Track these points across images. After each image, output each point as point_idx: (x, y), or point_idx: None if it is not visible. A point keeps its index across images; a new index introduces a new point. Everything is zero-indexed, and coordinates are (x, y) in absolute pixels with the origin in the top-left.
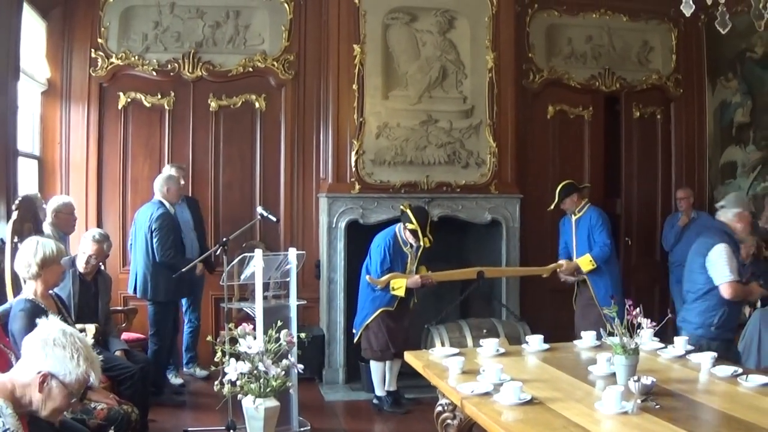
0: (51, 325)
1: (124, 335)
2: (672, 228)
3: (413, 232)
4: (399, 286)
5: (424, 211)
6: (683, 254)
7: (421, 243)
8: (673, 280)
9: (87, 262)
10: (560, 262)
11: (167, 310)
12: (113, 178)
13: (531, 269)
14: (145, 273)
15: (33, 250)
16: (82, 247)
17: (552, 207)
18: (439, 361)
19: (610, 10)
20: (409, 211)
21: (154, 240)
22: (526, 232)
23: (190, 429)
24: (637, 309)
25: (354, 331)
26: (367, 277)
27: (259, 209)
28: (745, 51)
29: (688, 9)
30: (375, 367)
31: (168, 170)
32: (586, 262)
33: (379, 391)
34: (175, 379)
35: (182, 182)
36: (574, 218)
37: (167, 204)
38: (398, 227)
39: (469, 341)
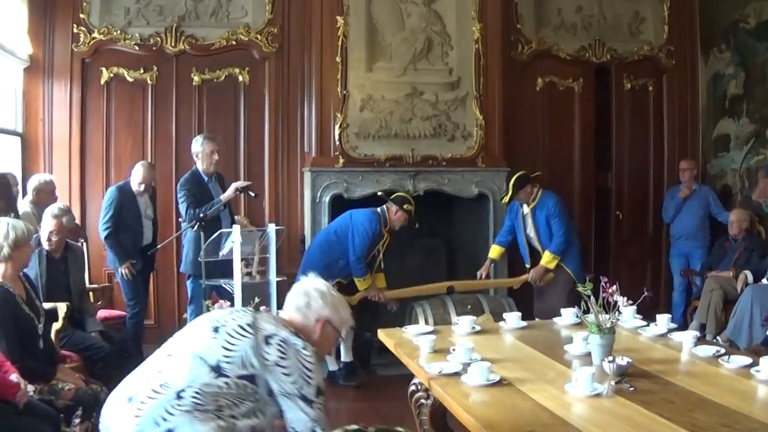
0: (317, 281)
1: (103, 312)
2: (673, 199)
3: (408, 213)
4: (361, 288)
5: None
6: (684, 227)
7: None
8: (673, 254)
9: (48, 239)
10: (528, 276)
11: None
12: (96, 155)
13: (502, 281)
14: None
15: (4, 232)
16: (44, 224)
17: (506, 200)
18: (411, 339)
19: None
20: (405, 194)
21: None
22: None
23: None
24: (614, 287)
25: None
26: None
27: (237, 184)
28: (738, 21)
29: None
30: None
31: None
32: (550, 260)
33: (332, 365)
34: None
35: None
36: (528, 208)
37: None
38: (382, 211)
39: (453, 318)
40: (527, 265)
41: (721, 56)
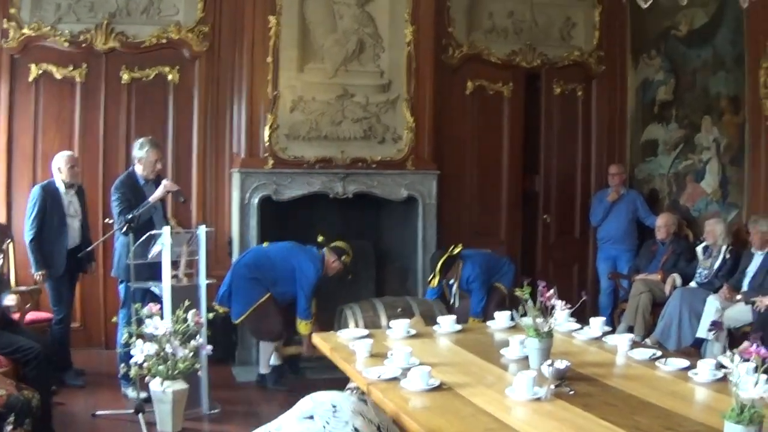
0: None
1: (31, 315)
2: (601, 203)
3: (345, 264)
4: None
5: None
6: (611, 230)
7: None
8: (600, 257)
9: None
10: None
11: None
12: (24, 153)
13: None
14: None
15: None
16: None
17: (435, 283)
18: (346, 343)
19: None
20: (343, 246)
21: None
22: (443, 208)
23: (98, 412)
24: (551, 290)
25: (230, 312)
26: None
27: (167, 185)
28: (669, 29)
29: None
30: (268, 347)
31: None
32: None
33: (264, 369)
34: None
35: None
36: (453, 282)
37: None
38: (322, 255)
39: (383, 320)
40: None
41: (651, 63)
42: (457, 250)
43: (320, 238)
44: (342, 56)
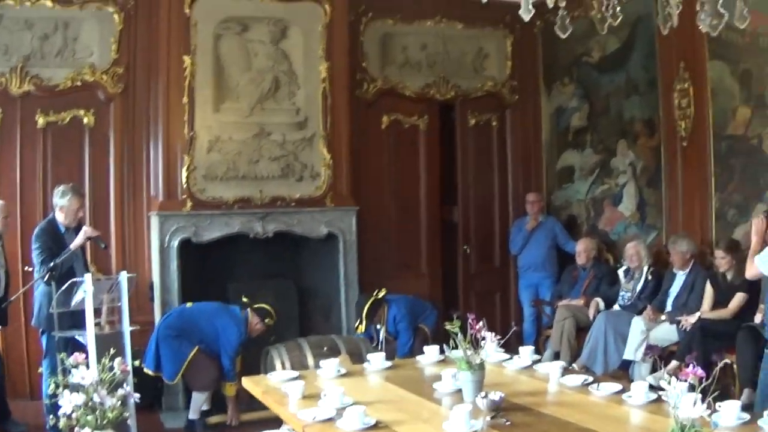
0: None
1: None
2: (520, 231)
3: (268, 327)
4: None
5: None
6: (531, 258)
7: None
8: (522, 285)
9: None
10: None
11: None
12: None
13: None
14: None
15: None
16: None
17: (362, 329)
18: (278, 386)
19: (445, 17)
20: (269, 308)
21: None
22: (364, 243)
23: None
24: (480, 323)
25: (157, 373)
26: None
27: (87, 231)
28: (582, 55)
29: (527, 14)
30: (200, 395)
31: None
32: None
33: (193, 414)
34: None
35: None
36: (381, 327)
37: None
38: (245, 316)
39: (310, 360)
40: None
41: (564, 90)
42: (381, 294)
43: (244, 299)
44: (257, 95)
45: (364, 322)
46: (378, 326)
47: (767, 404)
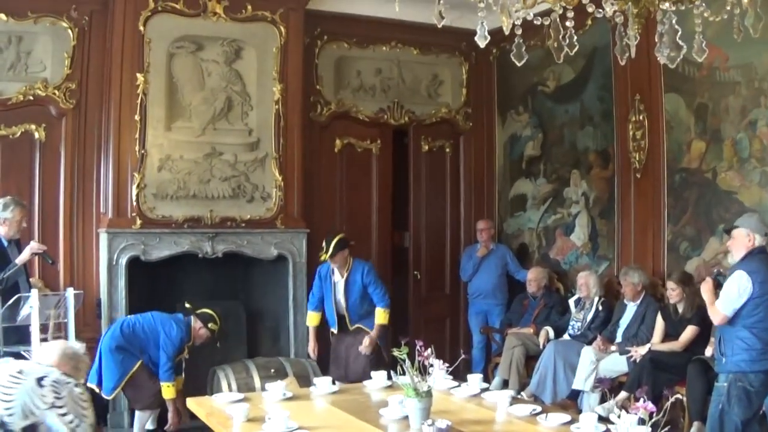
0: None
1: None
2: (470, 259)
3: (212, 332)
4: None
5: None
6: (481, 285)
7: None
8: (472, 312)
9: None
10: (362, 348)
11: None
12: None
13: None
14: None
15: None
16: None
17: (325, 258)
18: (222, 408)
19: (401, 43)
20: (214, 314)
21: None
22: (313, 266)
23: None
24: (429, 350)
25: (99, 388)
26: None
27: (32, 247)
28: (537, 84)
29: (483, 41)
30: (144, 414)
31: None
32: (383, 317)
33: (150, 424)
34: None
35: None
36: (341, 276)
37: None
38: (188, 321)
39: (257, 382)
40: (334, 330)
41: (519, 118)
42: (351, 242)
43: (187, 305)
44: (210, 114)
45: (329, 252)
46: (335, 272)
47: None
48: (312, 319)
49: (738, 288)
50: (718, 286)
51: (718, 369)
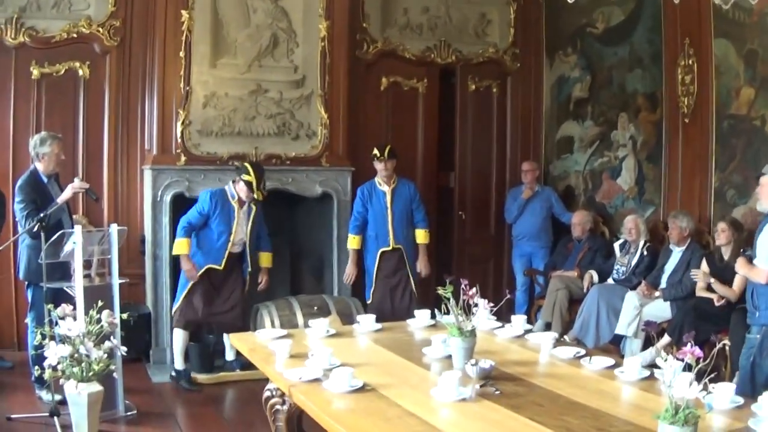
0: None
1: None
2: (515, 200)
3: (248, 184)
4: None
5: (261, 166)
6: (526, 227)
7: (255, 196)
8: (516, 254)
9: None
10: (420, 266)
11: None
12: None
13: None
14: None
15: None
16: None
17: (377, 159)
18: (265, 344)
19: None
20: (247, 164)
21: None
22: None
23: (13, 416)
24: (474, 289)
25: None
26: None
27: (75, 185)
28: (586, 26)
29: None
30: (179, 338)
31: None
32: (425, 236)
33: (179, 364)
34: None
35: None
36: (388, 189)
37: None
38: (228, 184)
39: (300, 319)
40: (388, 248)
41: (567, 60)
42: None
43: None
44: (255, 51)
45: (385, 154)
46: (382, 184)
47: (747, 387)
48: (353, 242)
49: None
50: (750, 262)
51: (751, 321)
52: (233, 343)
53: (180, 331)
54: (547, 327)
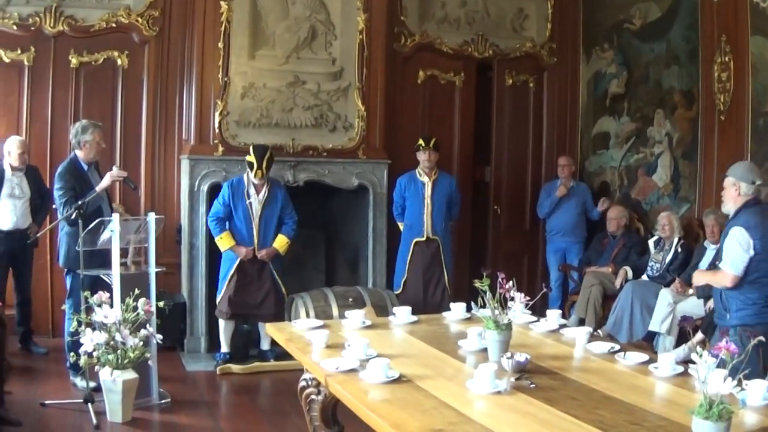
0: None
1: None
2: (549, 196)
3: (249, 165)
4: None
5: (264, 147)
6: (560, 222)
7: (254, 174)
8: (550, 249)
9: None
10: None
11: None
12: None
13: None
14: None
15: None
16: None
17: (422, 149)
18: (302, 334)
19: None
20: (251, 146)
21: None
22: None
23: (47, 402)
24: (510, 282)
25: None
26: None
27: (113, 174)
28: (623, 22)
29: None
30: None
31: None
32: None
33: (226, 347)
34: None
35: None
36: (429, 180)
37: None
38: (246, 172)
39: (335, 311)
40: (422, 238)
41: (604, 55)
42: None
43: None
44: (293, 43)
45: (431, 144)
46: (422, 175)
47: None
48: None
49: (740, 244)
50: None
51: (721, 323)
52: (270, 332)
53: (223, 322)
54: (581, 323)
